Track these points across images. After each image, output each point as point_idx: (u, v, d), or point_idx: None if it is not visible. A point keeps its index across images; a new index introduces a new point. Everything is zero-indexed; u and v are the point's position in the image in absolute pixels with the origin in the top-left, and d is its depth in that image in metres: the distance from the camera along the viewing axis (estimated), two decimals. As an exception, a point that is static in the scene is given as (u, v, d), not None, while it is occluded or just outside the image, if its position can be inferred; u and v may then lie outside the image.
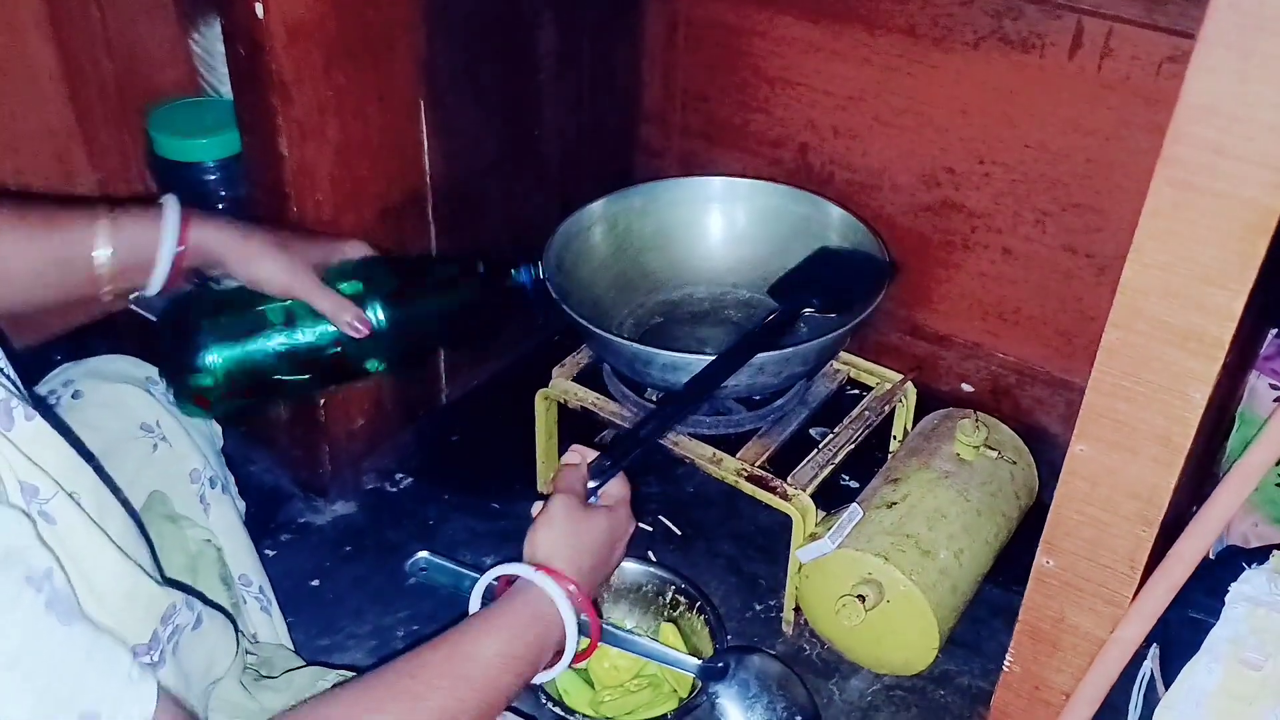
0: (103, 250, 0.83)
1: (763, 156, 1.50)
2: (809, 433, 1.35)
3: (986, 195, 1.35)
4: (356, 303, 0.91)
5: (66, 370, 0.92)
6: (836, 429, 1.25)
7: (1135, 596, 0.83)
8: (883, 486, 1.20)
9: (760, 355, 1.12)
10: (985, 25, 1.26)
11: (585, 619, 0.86)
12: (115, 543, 0.64)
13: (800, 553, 1.14)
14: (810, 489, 1.17)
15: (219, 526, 0.95)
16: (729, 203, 1.41)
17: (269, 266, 0.89)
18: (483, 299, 1.01)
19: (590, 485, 0.92)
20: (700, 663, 1.09)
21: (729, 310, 1.40)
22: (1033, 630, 0.91)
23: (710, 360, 1.10)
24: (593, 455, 0.94)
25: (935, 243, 1.41)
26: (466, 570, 0.96)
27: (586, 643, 0.90)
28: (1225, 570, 0.87)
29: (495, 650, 0.77)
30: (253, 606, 0.98)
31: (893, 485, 1.19)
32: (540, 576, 0.82)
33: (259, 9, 1.06)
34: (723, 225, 1.41)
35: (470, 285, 1.00)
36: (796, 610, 1.22)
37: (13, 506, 0.53)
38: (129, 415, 0.90)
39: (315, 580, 1.30)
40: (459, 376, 1.49)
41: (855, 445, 1.24)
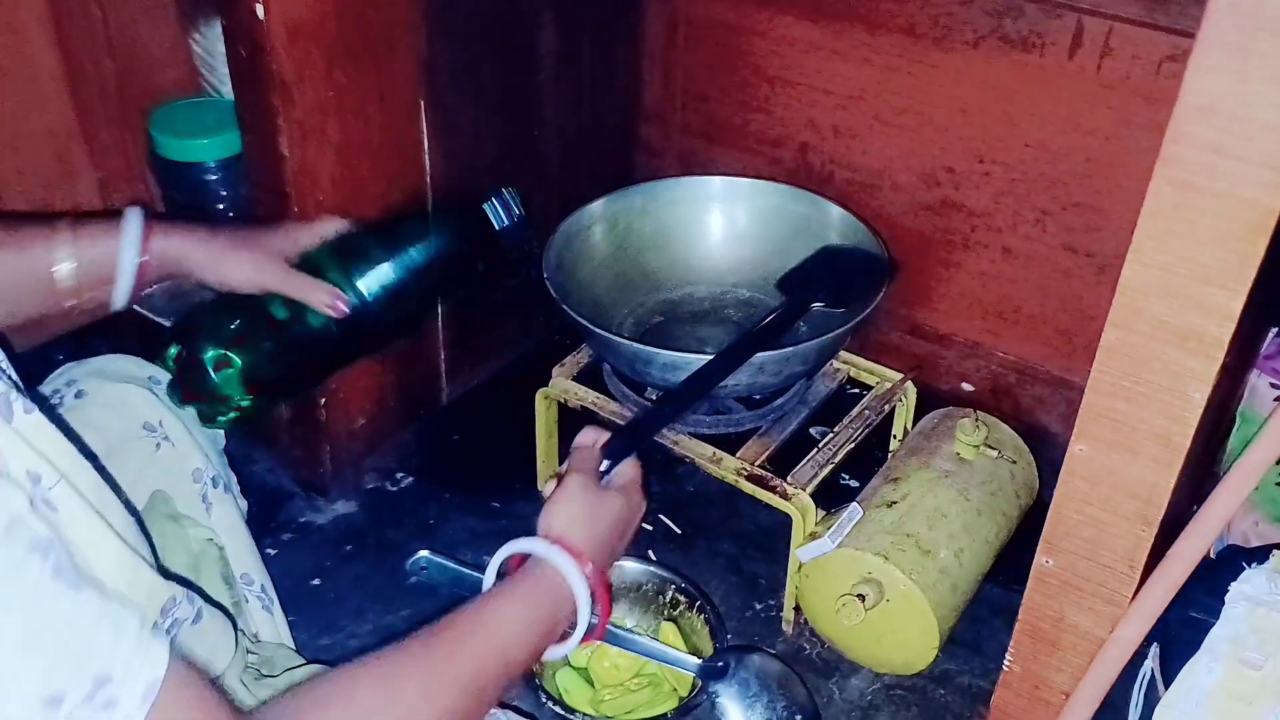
0: (64, 264, 0.84)
1: (763, 156, 1.50)
2: (809, 432, 1.35)
3: (986, 194, 1.35)
4: (340, 278, 0.91)
5: (69, 370, 0.93)
6: (836, 428, 1.25)
7: (1135, 596, 0.83)
8: (883, 486, 1.20)
9: (760, 355, 1.12)
10: (985, 25, 1.26)
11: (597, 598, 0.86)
12: (116, 532, 0.64)
13: (800, 552, 1.14)
14: (810, 488, 1.17)
15: (221, 526, 0.95)
16: (729, 202, 1.41)
17: (235, 266, 0.89)
18: (460, 244, 0.99)
19: (603, 466, 0.92)
20: (700, 662, 1.09)
21: (729, 310, 1.40)
22: (1032, 630, 0.91)
23: (712, 357, 1.10)
24: (606, 436, 0.94)
25: (935, 242, 1.41)
26: (467, 569, 0.96)
27: (599, 620, 0.90)
28: (1225, 570, 0.88)
29: (516, 619, 0.78)
30: (254, 605, 0.98)
31: (893, 484, 1.19)
32: (556, 551, 0.83)
33: (260, 9, 1.06)
34: (723, 225, 1.41)
35: (447, 234, 0.98)
36: (796, 609, 1.22)
37: (13, 480, 0.53)
38: (132, 415, 0.91)
39: (316, 579, 1.30)
40: (459, 376, 1.49)
41: (855, 444, 1.24)
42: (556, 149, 1.49)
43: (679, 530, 1.38)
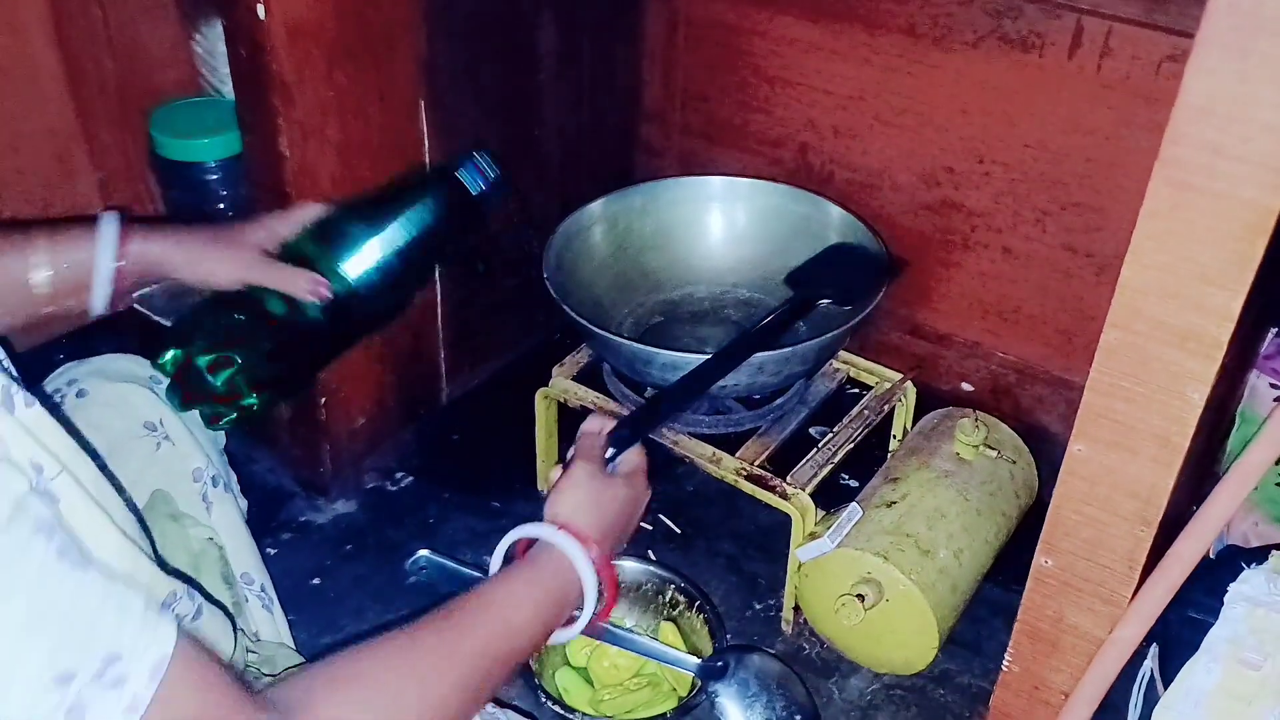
0: (40, 273, 0.84)
1: (763, 156, 1.50)
2: (809, 432, 1.35)
3: (986, 194, 1.35)
4: (323, 264, 0.91)
5: (70, 370, 0.93)
6: (836, 428, 1.26)
7: (1134, 596, 0.83)
8: (882, 486, 1.20)
9: (760, 354, 1.12)
10: (985, 25, 1.26)
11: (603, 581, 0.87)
12: (117, 524, 0.65)
13: (800, 552, 1.15)
14: (810, 488, 1.17)
15: (221, 525, 0.95)
16: (729, 202, 1.41)
17: (215, 263, 0.90)
18: (439, 215, 0.99)
19: (609, 454, 0.92)
20: (700, 661, 1.09)
21: (729, 310, 1.41)
22: (1032, 630, 0.91)
23: (721, 349, 1.11)
24: (612, 423, 0.95)
25: (935, 242, 1.41)
26: (467, 569, 0.96)
27: (604, 604, 0.90)
28: (1225, 570, 0.87)
29: (523, 602, 0.78)
30: (254, 605, 0.98)
31: (892, 484, 1.19)
32: (563, 536, 0.83)
33: (260, 10, 1.06)
34: (723, 225, 1.41)
35: (426, 206, 0.98)
36: (796, 609, 1.22)
37: (15, 465, 0.53)
38: (132, 414, 0.91)
39: (316, 579, 1.30)
40: (459, 376, 1.49)
41: (855, 444, 1.24)
42: (556, 149, 1.49)
43: (679, 530, 1.38)
